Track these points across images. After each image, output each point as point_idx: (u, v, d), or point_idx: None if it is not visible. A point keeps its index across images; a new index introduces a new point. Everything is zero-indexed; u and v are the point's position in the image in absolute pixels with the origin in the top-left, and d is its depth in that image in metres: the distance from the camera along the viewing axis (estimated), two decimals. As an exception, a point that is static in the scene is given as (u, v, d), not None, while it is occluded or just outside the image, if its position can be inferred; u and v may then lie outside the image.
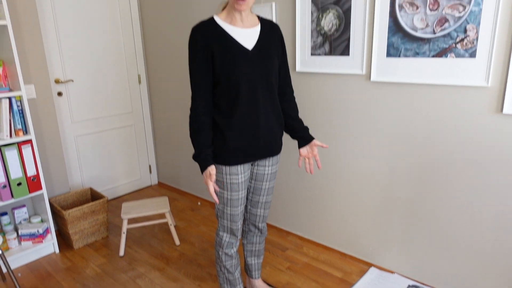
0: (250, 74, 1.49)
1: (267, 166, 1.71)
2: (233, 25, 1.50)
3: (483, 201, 1.74)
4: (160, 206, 2.52)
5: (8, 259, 2.31)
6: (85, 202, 2.84)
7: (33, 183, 2.36)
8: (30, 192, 2.34)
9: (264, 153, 1.64)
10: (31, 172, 2.34)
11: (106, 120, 3.17)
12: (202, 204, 3.17)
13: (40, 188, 2.39)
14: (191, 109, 1.53)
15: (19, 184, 2.29)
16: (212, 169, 1.50)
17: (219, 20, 1.51)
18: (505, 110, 1.58)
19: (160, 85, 3.31)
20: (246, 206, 1.82)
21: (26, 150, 2.31)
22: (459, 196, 1.80)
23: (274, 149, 1.66)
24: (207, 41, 1.47)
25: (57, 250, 2.51)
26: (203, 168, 1.51)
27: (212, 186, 1.51)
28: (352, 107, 2.09)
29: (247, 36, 1.51)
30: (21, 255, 2.37)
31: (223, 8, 1.55)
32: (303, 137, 1.70)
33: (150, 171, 3.61)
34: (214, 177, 1.50)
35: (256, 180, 1.74)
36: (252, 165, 1.70)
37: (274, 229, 2.69)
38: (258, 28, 1.55)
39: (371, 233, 2.18)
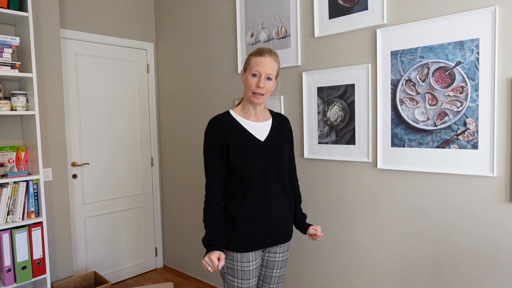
0: (263, 164, 1.59)
1: (278, 253, 1.70)
2: (247, 119, 1.64)
3: (503, 295, 1.67)
4: (165, 293, 2.42)
5: None
6: (88, 287, 2.74)
7: (38, 267, 2.32)
8: (33, 276, 2.29)
9: (275, 240, 1.65)
10: (37, 255, 2.32)
11: (117, 202, 3.21)
12: (208, 291, 3.04)
13: (44, 272, 2.34)
14: (206, 197, 1.59)
15: (23, 267, 2.25)
16: (222, 256, 1.49)
17: (234, 114, 1.64)
18: (513, 200, 1.61)
19: (171, 169, 3.41)
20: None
21: (36, 233, 2.32)
22: (470, 285, 1.74)
23: (285, 235, 1.68)
24: (223, 133, 1.58)
25: None
26: (209, 250, 1.51)
27: (216, 265, 1.46)
28: (360, 194, 2.12)
29: (260, 128, 1.63)
30: None
31: (238, 103, 1.69)
32: (302, 225, 1.78)
33: (156, 254, 3.53)
34: (223, 262, 1.48)
35: (266, 267, 1.72)
36: (263, 251, 1.69)
37: None
38: (270, 122, 1.68)
39: (388, 327, 2.05)
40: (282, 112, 2.44)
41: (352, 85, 2.10)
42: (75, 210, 2.95)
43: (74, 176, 2.94)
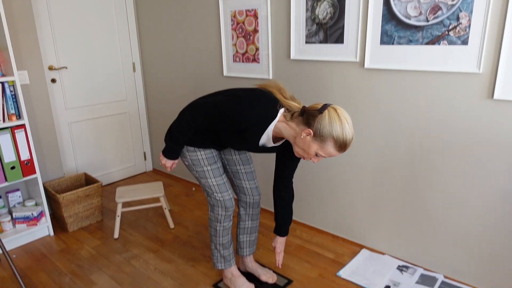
0: (239, 148, 1.66)
1: (234, 154, 1.86)
2: (273, 136, 1.55)
3: (472, 186, 1.80)
4: (154, 190, 2.54)
5: (2, 241, 2.32)
6: (79, 186, 2.85)
7: (27, 167, 2.36)
8: (24, 176, 2.35)
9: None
10: (24, 156, 2.34)
11: (100, 108, 3.17)
12: (197, 190, 3.20)
13: (34, 172, 2.39)
14: (187, 121, 1.58)
15: (12, 167, 2.29)
16: (176, 162, 1.74)
17: (270, 129, 1.50)
18: (496, 96, 1.63)
19: (155, 73, 3.31)
20: (233, 181, 1.91)
21: (20, 135, 2.31)
22: (449, 181, 1.87)
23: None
24: (240, 129, 1.51)
25: (52, 233, 2.52)
26: (168, 157, 1.70)
27: (169, 169, 1.75)
28: (346, 94, 2.13)
29: (268, 143, 1.59)
30: (16, 238, 2.38)
31: (293, 115, 1.47)
32: (282, 228, 1.85)
33: (145, 158, 3.62)
34: (174, 167, 1.81)
35: (230, 165, 1.88)
36: (219, 153, 1.85)
37: (267, 213, 2.74)
38: (279, 143, 1.62)
39: (363, 216, 2.24)
40: (268, 11, 2.30)
41: (344, -23, 1.95)
42: (58, 115, 2.91)
43: (53, 80, 2.84)
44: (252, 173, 1.88)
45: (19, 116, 2.33)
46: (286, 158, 1.70)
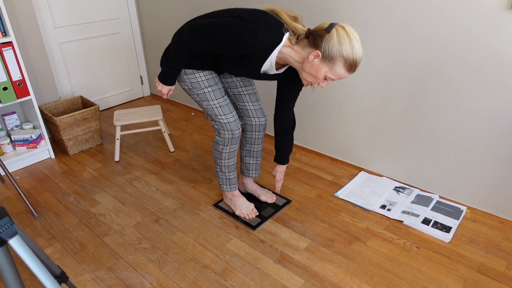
0: (241, 74, 1.57)
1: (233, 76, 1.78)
2: (277, 62, 1.47)
3: (480, 104, 1.74)
4: (153, 114, 2.50)
5: (4, 163, 2.34)
6: (76, 110, 2.80)
7: (20, 88, 2.29)
8: (18, 97, 2.28)
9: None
10: (16, 76, 2.25)
11: (91, 27, 2.99)
12: (196, 114, 3.16)
13: (28, 93, 2.32)
14: (185, 43, 1.46)
15: (5, 88, 2.22)
16: (172, 88, 1.67)
17: (275, 53, 1.41)
18: (515, 7, 1.49)
19: (146, -13, 3.06)
20: (236, 104, 1.85)
21: (8, 53, 2.19)
22: (456, 99, 1.80)
23: None
24: (244, 53, 1.41)
25: (53, 156, 2.54)
26: (165, 82, 1.63)
27: (166, 96, 1.68)
28: (351, 6, 1.96)
29: (271, 69, 1.50)
30: (17, 160, 2.40)
31: (298, 37, 1.37)
32: (283, 157, 1.86)
33: (142, 82, 3.52)
34: (170, 94, 1.73)
35: (230, 88, 1.80)
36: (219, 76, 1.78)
37: (267, 137, 2.73)
38: (282, 70, 1.55)
39: (363, 140, 2.22)
40: None
41: None
42: (48, 34, 2.75)
43: (37, -6, 2.63)
44: (255, 94, 1.81)
45: (4, 32, 2.19)
46: (288, 86, 1.62)
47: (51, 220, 1.92)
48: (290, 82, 1.62)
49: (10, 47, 2.19)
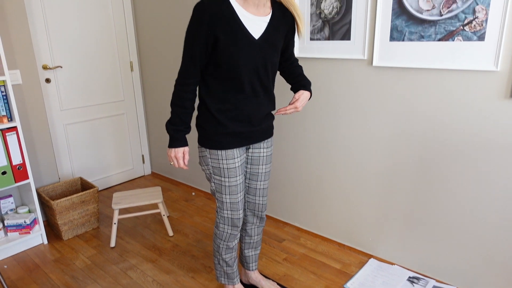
0: (252, 63, 1.42)
1: (262, 149, 1.66)
2: (246, 9, 1.38)
3: (488, 192, 1.68)
4: (153, 196, 2.43)
5: (-7, 251, 2.22)
6: (75, 192, 2.74)
7: (19, 172, 2.26)
8: (16, 181, 2.24)
9: (259, 137, 1.60)
10: (16, 160, 2.24)
11: (97, 109, 3.06)
12: (197, 195, 3.09)
13: (27, 177, 2.28)
14: (178, 83, 1.44)
15: (3, 173, 2.18)
16: (187, 151, 1.51)
17: (234, 2, 1.37)
18: (514, 96, 1.52)
19: (153, 73, 3.20)
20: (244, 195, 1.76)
21: (11, 138, 2.21)
22: (463, 186, 1.75)
23: (268, 132, 1.65)
24: (214, 22, 1.34)
25: (46, 241, 2.42)
26: (175, 145, 1.49)
27: (182, 162, 1.52)
28: (353, 93, 2.01)
29: (256, 24, 1.41)
30: (7, 247, 2.27)
31: None
32: (303, 86, 1.63)
33: (143, 161, 3.51)
34: (187, 158, 1.52)
35: (252, 164, 1.68)
36: (247, 149, 1.64)
37: (270, 220, 2.63)
38: (269, 16, 1.44)
39: (371, 223, 2.13)
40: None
41: (351, -30, 1.84)
42: (53, 117, 2.81)
43: (48, 80, 2.73)
44: (267, 189, 1.75)
45: (10, 118, 2.22)
46: (289, 38, 1.58)
47: (35, 319, 1.75)
48: (292, 37, 1.59)
49: (14, 132, 2.21)
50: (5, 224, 2.31)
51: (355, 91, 1.99)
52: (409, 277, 1.96)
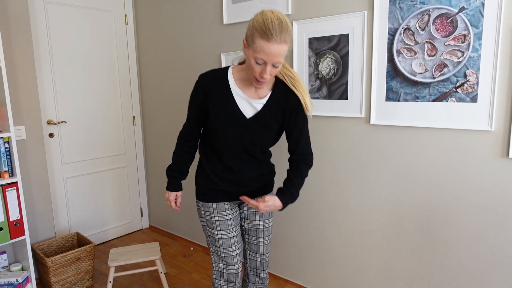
0: (239, 140, 1.46)
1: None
2: (244, 92, 1.43)
3: (490, 247, 1.66)
4: (150, 252, 2.37)
5: (-19, 313, 2.11)
6: (70, 248, 2.68)
7: (16, 228, 2.22)
8: (11, 238, 2.20)
9: (252, 195, 1.62)
10: (14, 216, 2.21)
11: (98, 162, 3.09)
12: (195, 250, 3.02)
13: (23, 233, 2.24)
14: (180, 136, 1.60)
15: (0, 229, 2.15)
16: (179, 195, 1.67)
17: (231, 79, 1.43)
18: (511, 155, 1.55)
19: (155, 127, 3.27)
20: (245, 252, 1.72)
21: (11, 194, 2.20)
22: (465, 241, 1.72)
23: (262, 190, 1.65)
24: (207, 96, 1.44)
25: (37, 302, 2.32)
26: (169, 189, 1.65)
27: (174, 204, 1.66)
28: (351, 150, 2.05)
29: (251, 105, 1.44)
30: (-3, 308, 2.18)
31: (241, 62, 1.50)
32: (282, 193, 1.48)
33: (142, 214, 3.47)
34: (179, 202, 1.67)
35: (248, 219, 1.68)
36: (240, 204, 1.67)
37: (271, 277, 2.55)
38: (266, 98, 1.45)
39: (375, 283, 2.06)
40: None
41: (346, 35, 1.96)
42: (54, 170, 2.82)
43: (51, 135, 2.78)
44: (269, 245, 1.73)
45: (12, 173, 2.23)
46: (292, 124, 1.48)
47: None
48: (295, 123, 1.48)
49: (14, 188, 2.20)
50: (-4, 283, 2.23)
51: (354, 147, 2.03)
52: None
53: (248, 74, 1.39)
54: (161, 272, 2.35)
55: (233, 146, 1.48)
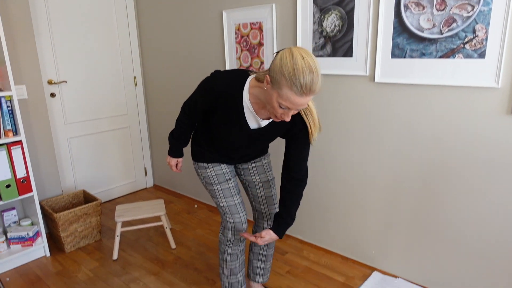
0: (239, 142, 1.52)
1: (250, 163, 1.74)
2: (255, 109, 1.39)
3: (490, 204, 1.70)
4: (155, 208, 2.44)
5: (-4, 264, 2.21)
6: (77, 204, 2.75)
7: (23, 185, 2.27)
8: (19, 194, 2.25)
9: (245, 162, 1.73)
10: (20, 174, 2.25)
11: (101, 122, 3.09)
12: (199, 207, 3.10)
13: (31, 190, 2.30)
14: (185, 107, 1.62)
15: (8, 186, 2.20)
16: (180, 161, 1.79)
17: (246, 95, 1.36)
18: (514, 112, 1.55)
19: (156, 88, 3.24)
20: (252, 204, 1.81)
21: (16, 151, 2.22)
22: (466, 199, 1.77)
23: (258, 157, 1.74)
24: (218, 105, 1.40)
25: (48, 254, 2.42)
26: (171, 155, 1.75)
27: (175, 169, 1.79)
28: (355, 109, 2.05)
29: (258, 120, 1.44)
30: (10, 259, 2.27)
31: (260, 79, 1.35)
32: (281, 225, 1.52)
33: (146, 174, 3.52)
34: (180, 166, 1.79)
35: (244, 175, 1.77)
36: (235, 166, 1.77)
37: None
38: (272, 120, 1.45)
39: (374, 236, 2.14)
40: (274, 24, 2.24)
41: (353, -11, 1.89)
42: (57, 130, 2.83)
43: (52, 94, 2.76)
44: (273, 197, 1.76)
45: (16, 132, 2.25)
46: (291, 142, 1.48)
47: (38, 333, 1.75)
48: (293, 138, 1.47)
49: (19, 146, 2.23)
50: (8, 237, 2.31)
51: (358, 106, 2.03)
52: (413, 291, 1.97)
53: (264, 100, 1.32)
54: (166, 227, 2.43)
55: (232, 145, 1.54)
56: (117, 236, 2.35)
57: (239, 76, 1.38)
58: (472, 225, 1.77)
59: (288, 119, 1.24)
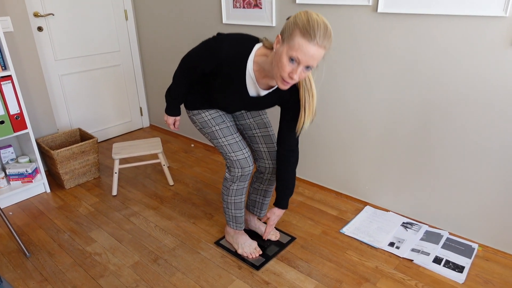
0: (238, 106, 1.55)
1: (249, 117, 1.75)
2: (258, 82, 1.43)
3: (488, 140, 1.70)
4: (152, 146, 2.45)
5: (-3, 199, 2.26)
6: (74, 142, 2.75)
7: (17, 122, 2.24)
8: (14, 131, 2.24)
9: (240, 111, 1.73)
10: (13, 110, 2.21)
11: (92, 59, 2.99)
12: (196, 146, 3.12)
13: (25, 127, 2.28)
14: (180, 66, 1.55)
15: (1, 122, 2.17)
16: (178, 119, 1.74)
17: (251, 63, 1.39)
18: (520, 43, 1.49)
19: (149, 22, 3.09)
20: (251, 146, 1.81)
21: (7, 87, 2.17)
22: (463, 134, 1.77)
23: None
24: (221, 70, 1.41)
25: (48, 190, 2.46)
26: (168, 113, 1.71)
27: (172, 127, 1.76)
28: (356, 41, 1.97)
29: (257, 88, 1.47)
30: (11, 195, 2.32)
31: (266, 46, 1.38)
32: (283, 200, 1.69)
33: (141, 114, 3.49)
34: (177, 124, 1.75)
35: (239, 120, 1.77)
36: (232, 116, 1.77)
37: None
38: (273, 89, 1.50)
39: (368, 173, 2.17)
40: None
41: None
42: (48, 67, 2.75)
43: (40, 28, 2.64)
44: (270, 136, 1.74)
45: (4, 66, 2.17)
46: (288, 115, 1.53)
47: (44, 261, 1.83)
48: (290, 110, 1.52)
49: (9, 81, 2.17)
50: (7, 173, 2.34)
51: (359, 38, 1.95)
52: (403, 222, 2.04)
53: (269, 69, 1.35)
54: (163, 165, 2.46)
55: (228, 106, 1.56)
56: (115, 173, 2.37)
57: (246, 42, 1.38)
58: (467, 160, 1.79)
59: (296, 77, 1.24)
